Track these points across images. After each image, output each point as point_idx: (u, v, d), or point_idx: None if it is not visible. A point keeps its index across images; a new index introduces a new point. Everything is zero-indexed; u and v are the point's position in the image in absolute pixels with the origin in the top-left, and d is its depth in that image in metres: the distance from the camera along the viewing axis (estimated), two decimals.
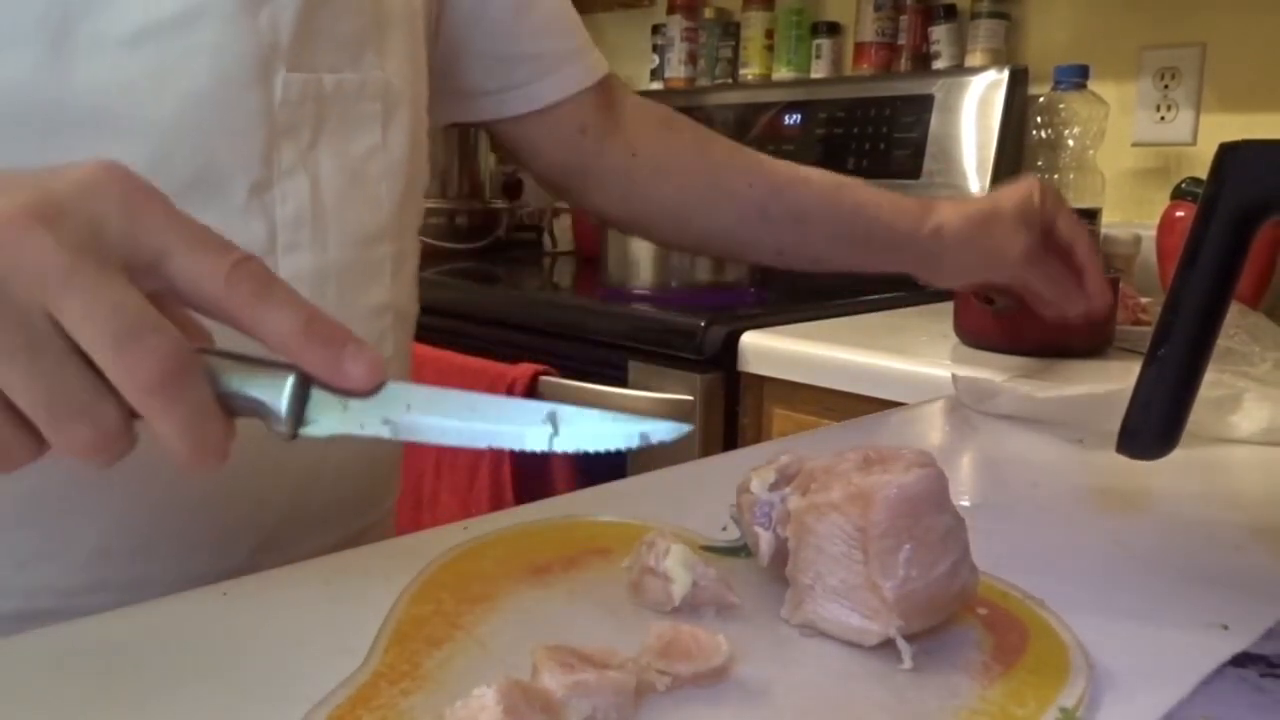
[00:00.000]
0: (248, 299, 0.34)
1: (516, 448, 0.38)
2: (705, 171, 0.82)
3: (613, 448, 0.39)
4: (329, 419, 0.36)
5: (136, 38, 0.49)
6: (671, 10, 2.06)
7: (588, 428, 0.38)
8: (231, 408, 0.35)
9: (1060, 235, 0.82)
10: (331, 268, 0.58)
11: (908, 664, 0.38)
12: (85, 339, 0.32)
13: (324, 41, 0.56)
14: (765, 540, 0.43)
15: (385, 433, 0.37)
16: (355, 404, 0.36)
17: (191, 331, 0.37)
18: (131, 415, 0.33)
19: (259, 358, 0.35)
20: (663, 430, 0.38)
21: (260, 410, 0.35)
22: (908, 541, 0.38)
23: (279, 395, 0.35)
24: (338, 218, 0.58)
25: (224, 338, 0.37)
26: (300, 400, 0.36)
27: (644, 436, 0.39)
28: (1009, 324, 1.02)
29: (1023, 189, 0.81)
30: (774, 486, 0.44)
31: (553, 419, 0.38)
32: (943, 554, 0.39)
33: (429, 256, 0.76)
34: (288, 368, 0.35)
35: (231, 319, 0.35)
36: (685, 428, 0.39)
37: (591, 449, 0.38)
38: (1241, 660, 0.40)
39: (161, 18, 0.50)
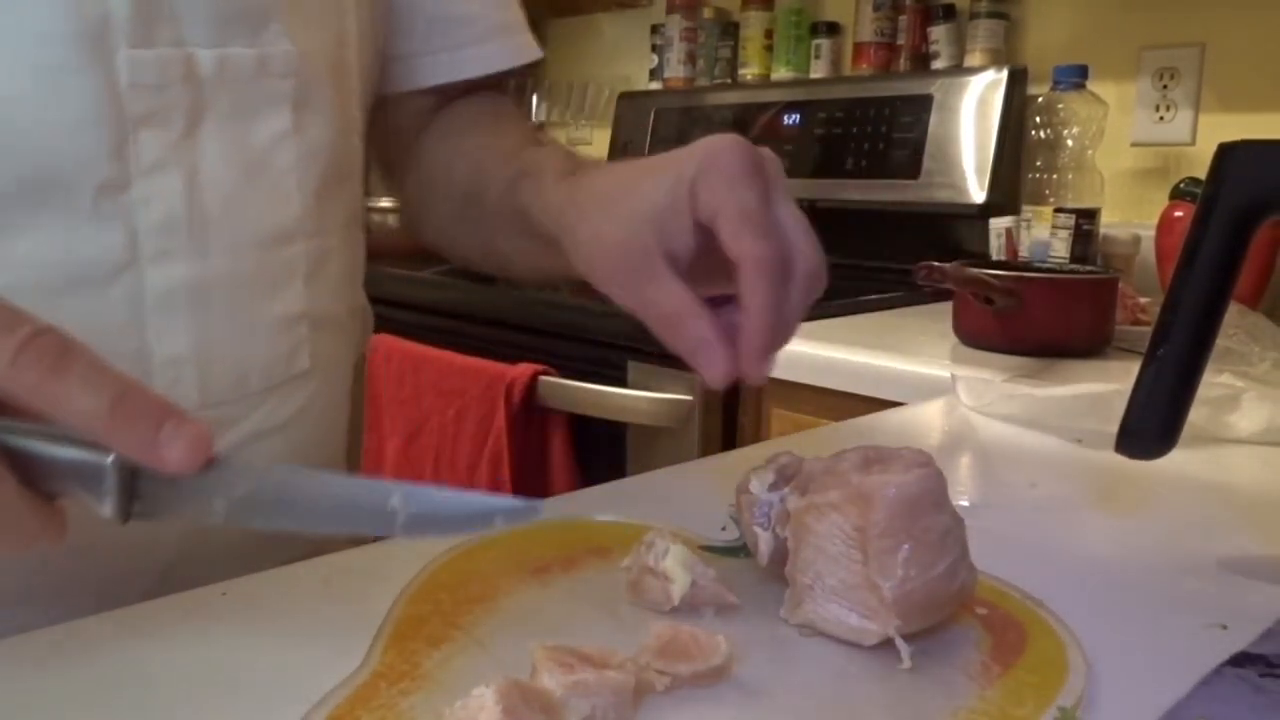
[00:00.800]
0: (40, 380, 0.31)
1: (367, 531, 0.35)
2: (440, 161, 0.67)
3: (459, 533, 0.37)
4: (162, 501, 0.33)
5: None
6: (670, 10, 2.06)
7: (435, 510, 0.34)
8: (52, 491, 0.32)
9: (720, 245, 0.44)
10: (218, 276, 0.51)
11: (906, 664, 0.38)
12: None
13: (194, 11, 0.48)
14: (764, 540, 0.43)
15: (219, 517, 0.33)
16: (188, 484, 0.32)
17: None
18: None
19: (75, 436, 0.32)
20: (511, 512, 0.35)
21: (84, 497, 0.32)
22: (906, 541, 0.38)
23: (99, 484, 0.32)
24: (228, 219, 0.51)
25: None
26: (127, 484, 0.32)
27: (488, 519, 0.35)
28: (1008, 324, 1.03)
29: (695, 151, 0.47)
30: (773, 486, 0.44)
31: (400, 502, 0.34)
32: (941, 554, 0.39)
33: (430, 257, 0.74)
34: (105, 449, 0.32)
35: (25, 404, 0.31)
36: (536, 507, 0.35)
37: (439, 535, 0.36)
38: (1240, 660, 0.40)
39: None
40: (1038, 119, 1.49)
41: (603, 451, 1.28)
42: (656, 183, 0.46)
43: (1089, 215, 1.38)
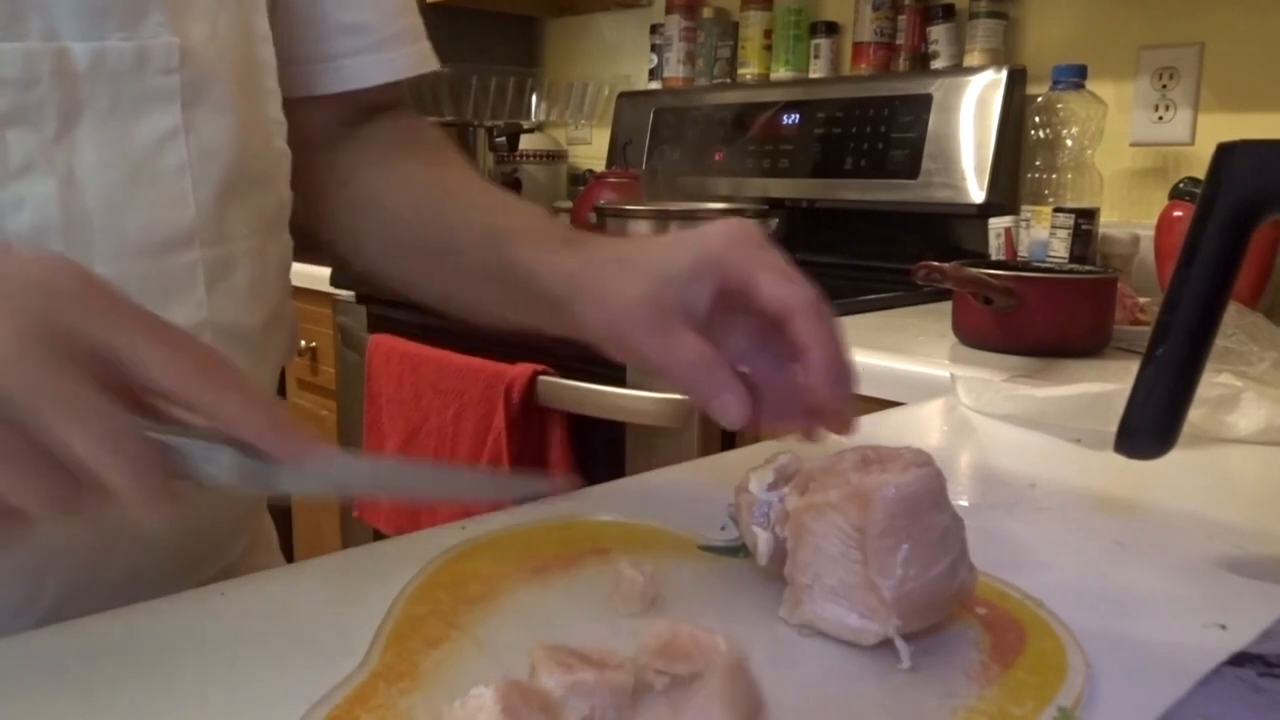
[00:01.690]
0: (198, 389, 0.36)
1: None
2: (378, 188, 0.65)
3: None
4: (274, 480, 0.39)
5: None
6: (670, 10, 2.06)
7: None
8: (186, 476, 0.38)
9: (762, 300, 0.48)
10: None
11: (906, 664, 0.38)
12: (75, 448, 0.34)
13: (62, 2, 0.45)
14: (764, 540, 0.43)
15: (330, 491, 0.42)
16: (297, 472, 0.39)
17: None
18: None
19: (200, 430, 0.38)
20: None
21: (209, 479, 0.38)
22: (906, 541, 0.38)
23: (221, 468, 0.38)
24: (110, 223, 0.48)
25: None
26: (246, 466, 0.38)
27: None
28: (1008, 324, 1.03)
29: (712, 229, 0.51)
30: (772, 486, 0.44)
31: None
32: (941, 553, 0.39)
33: None
34: (227, 440, 0.38)
35: (187, 404, 0.36)
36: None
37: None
38: (1239, 660, 0.40)
39: None
40: (1037, 119, 1.49)
41: (602, 451, 1.28)
42: (678, 251, 0.50)
43: (1088, 215, 1.38)
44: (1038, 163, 1.49)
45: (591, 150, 2.32)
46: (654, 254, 0.51)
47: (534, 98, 2.29)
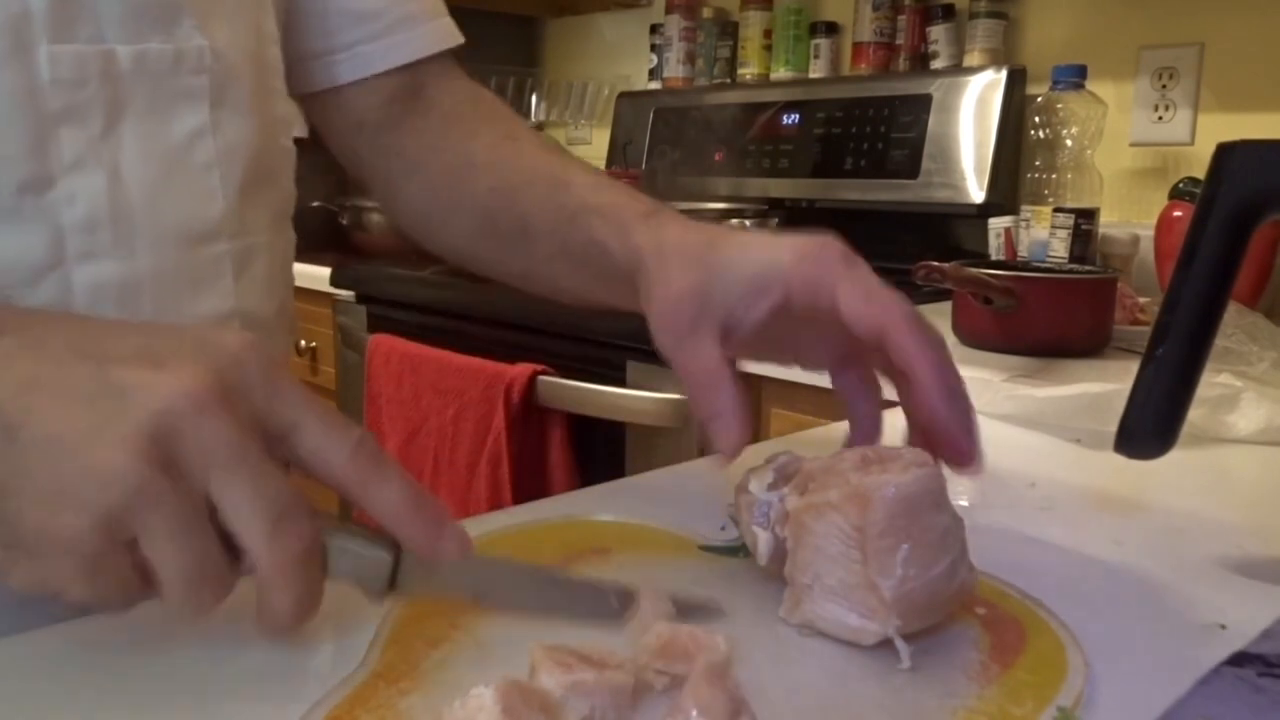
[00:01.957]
0: (365, 477, 0.37)
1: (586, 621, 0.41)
2: (452, 168, 0.65)
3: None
4: (416, 584, 0.40)
5: None
6: (670, 10, 2.06)
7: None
8: (329, 570, 0.38)
9: (847, 318, 0.46)
10: (145, 274, 0.50)
11: (906, 664, 0.38)
12: (243, 517, 0.34)
13: (111, 7, 0.48)
14: (763, 540, 0.43)
15: (469, 600, 0.41)
16: (443, 570, 0.40)
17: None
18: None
19: (359, 529, 0.39)
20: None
21: (357, 579, 0.39)
22: (905, 541, 0.38)
23: (379, 574, 0.39)
24: (151, 216, 0.50)
25: None
26: (393, 571, 0.39)
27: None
28: (1007, 324, 1.03)
29: (792, 240, 0.48)
30: (772, 486, 0.44)
31: (620, 599, 0.41)
32: (941, 553, 0.39)
33: (429, 257, 0.74)
34: (384, 541, 0.39)
35: (347, 492, 0.37)
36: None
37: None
38: (1239, 660, 0.40)
39: None
40: (1037, 119, 1.49)
41: (602, 451, 1.28)
42: (747, 253, 0.48)
43: (1088, 215, 1.38)
44: (1037, 163, 1.49)
45: (591, 150, 2.32)
46: (721, 250, 0.49)
47: (534, 98, 2.29)
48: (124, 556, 0.34)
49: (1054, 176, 1.46)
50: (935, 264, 1.01)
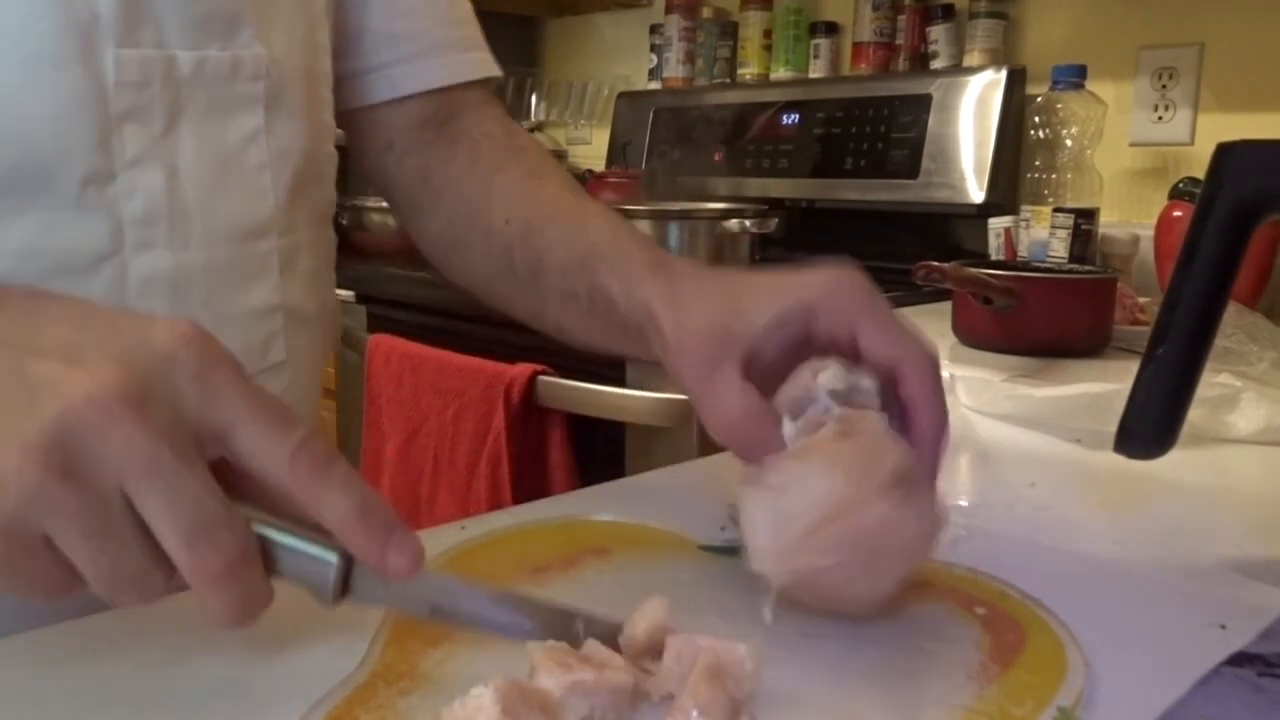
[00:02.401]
0: (307, 481, 0.35)
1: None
2: (474, 200, 0.65)
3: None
4: (371, 593, 0.38)
5: None
6: (669, 10, 2.06)
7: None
8: (276, 572, 0.36)
9: (868, 352, 0.46)
10: (197, 267, 0.53)
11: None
12: (159, 528, 0.33)
13: (173, 14, 0.50)
14: (790, 428, 0.43)
15: (425, 615, 0.39)
16: (396, 586, 0.37)
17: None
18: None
19: (305, 531, 0.36)
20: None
21: (305, 584, 0.37)
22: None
23: (325, 578, 0.37)
24: (205, 212, 0.53)
25: None
26: (344, 577, 0.37)
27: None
28: (1007, 324, 1.03)
29: (811, 274, 0.48)
30: (833, 394, 0.43)
31: (587, 628, 0.38)
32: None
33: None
34: (332, 545, 0.37)
35: (290, 497, 0.35)
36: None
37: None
38: (1239, 660, 0.40)
39: None
40: (1036, 119, 1.49)
41: (602, 451, 1.28)
42: (768, 290, 0.47)
43: (1088, 215, 1.38)
44: (1037, 163, 1.49)
45: (591, 150, 2.32)
46: (739, 287, 0.48)
47: (534, 98, 2.29)
48: (43, 553, 0.32)
49: (1054, 176, 1.46)
50: (935, 264, 1.01)
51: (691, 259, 0.56)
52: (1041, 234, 1.41)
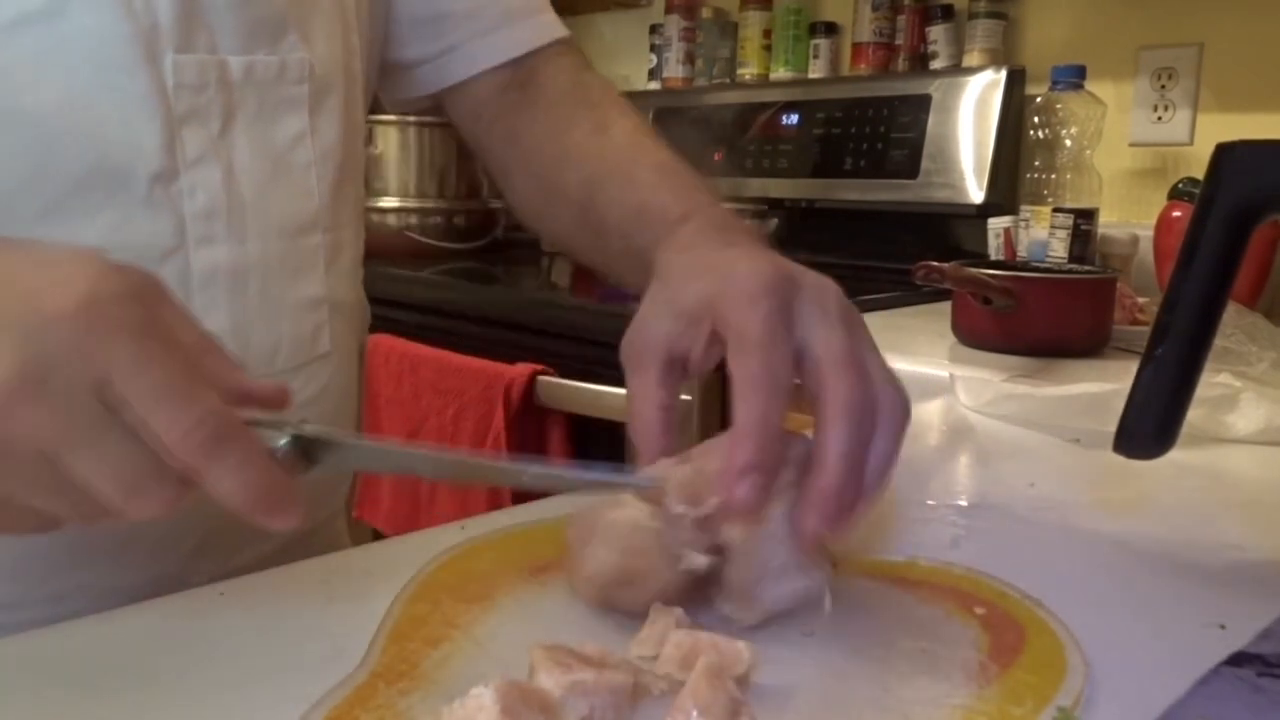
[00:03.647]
0: (197, 459, 0.34)
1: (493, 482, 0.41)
2: (552, 160, 0.67)
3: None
4: (332, 462, 0.39)
5: (11, 27, 0.48)
6: (669, 10, 2.06)
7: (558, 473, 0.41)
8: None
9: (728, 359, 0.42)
10: (253, 261, 0.56)
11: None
12: (99, 488, 0.33)
13: (224, 21, 0.54)
14: (695, 560, 0.41)
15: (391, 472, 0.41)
16: (354, 453, 0.40)
17: None
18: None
19: (268, 418, 0.38)
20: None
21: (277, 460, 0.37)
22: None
23: (283, 455, 0.37)
24: (259, 209, 0.56)
25: None
26: (302, 457, 0.38)
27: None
28: (1007, 324, 1.03)
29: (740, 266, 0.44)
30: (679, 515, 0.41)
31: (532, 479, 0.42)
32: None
33: (429, 257, 0.75)
34: (287, 424, 0.38)
35: (186, 471, 0.35)
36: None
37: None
38: (1238, 660, 0.40)
39: (29, 9, 0.48)
40: (1036, 119, 1.49)
41: (601, 451, 1.28)
42: (688, 286, 0.45)
43: (1087, 215, 1.38)
44: (1037, 163, 1.49)
45: None
46: (676, 279, 0.47)
47: None
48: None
49: (1053, 177, 1.46)
50: (935, 264, 1.01)
51: (720, 205, 0.56)
52: (1041, 234, 1.41)
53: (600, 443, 1.28)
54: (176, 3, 0.52)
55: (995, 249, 1.49)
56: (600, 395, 1.22)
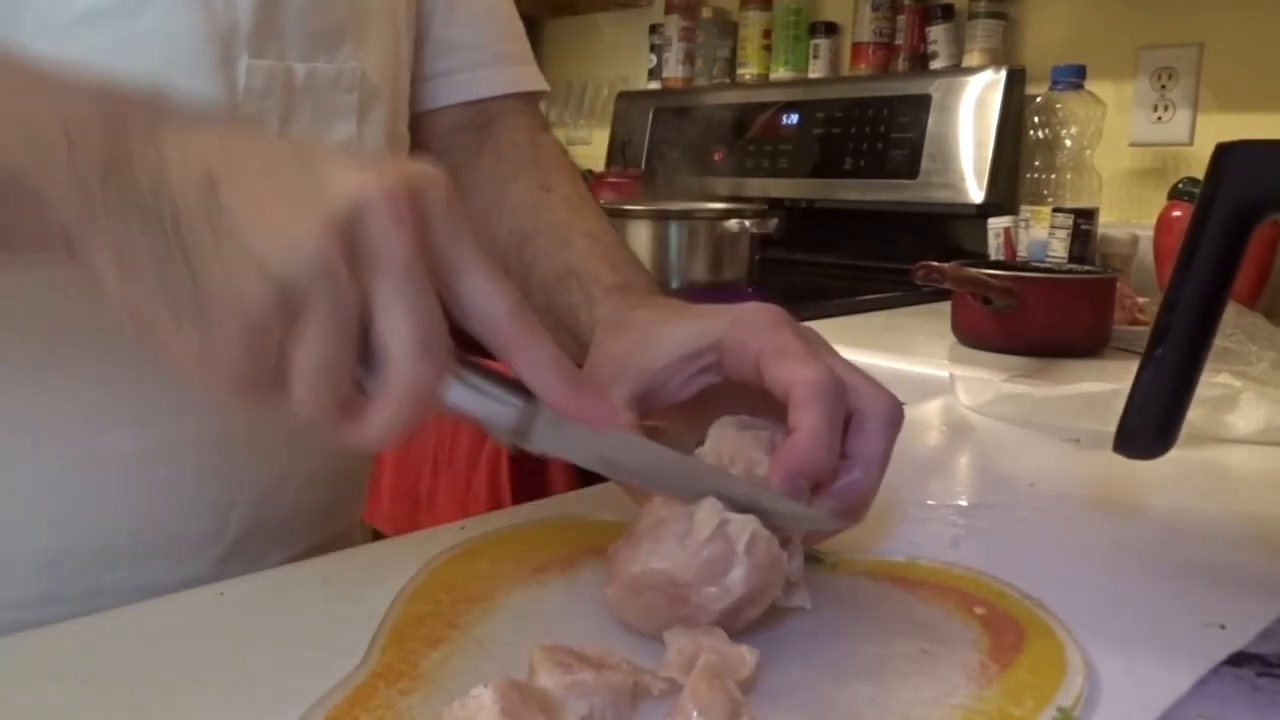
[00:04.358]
0: (521, 335, 0.37)
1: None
2: (487, 205, 0.68)
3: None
4: (548, 440, 0.39)
5: (85, 20, 0.48)
6: (669, 10, 2.06)
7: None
8: (457, 412, 0.38)
9: (766, 382, 0.44)
10: None
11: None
12: (394, 332, 0.34)
13: (294, 29, 0.55)
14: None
15: (596, 466, 0.41)
16: (573, 430, 0.39)
17: None
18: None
19: (495, 374, 0.38)
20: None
21: (483, 421, 0.38)
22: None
23: (506, 421, 0.38)
24: None
25: None
26: (525, 424, 0.39)
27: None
28: (1007, 324, 1.03)
29: (731, 310, 0.47)
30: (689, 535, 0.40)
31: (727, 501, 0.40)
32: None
33: None
34: (517, 394, 0.38)
35: (500, 345, 0.37)
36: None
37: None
38: (1238, 659, 0.40)
39: (105, 3, 0.48)
40: (1036, 119, 1.49)
41: None
42: (684, 325, 0.48)
43: (1087, 215, 1.38)
44: (1037, 163, 1.49)
45: (591, 150, 2.32)
46: (664, 322, 0.48)
47: None
48: (275, 344, 0.33)
49: (1053, 177, 1.46)
50: (935, 264, 1.01)
51: (657, 286, 0.58)
52: (1041, 234, 1.41)
53: None
54: (258, 6, 0.52)
55: (995, 249, 1.49)
56: None
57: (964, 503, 0.59)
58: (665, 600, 0.39)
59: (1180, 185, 1.32)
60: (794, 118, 1.81)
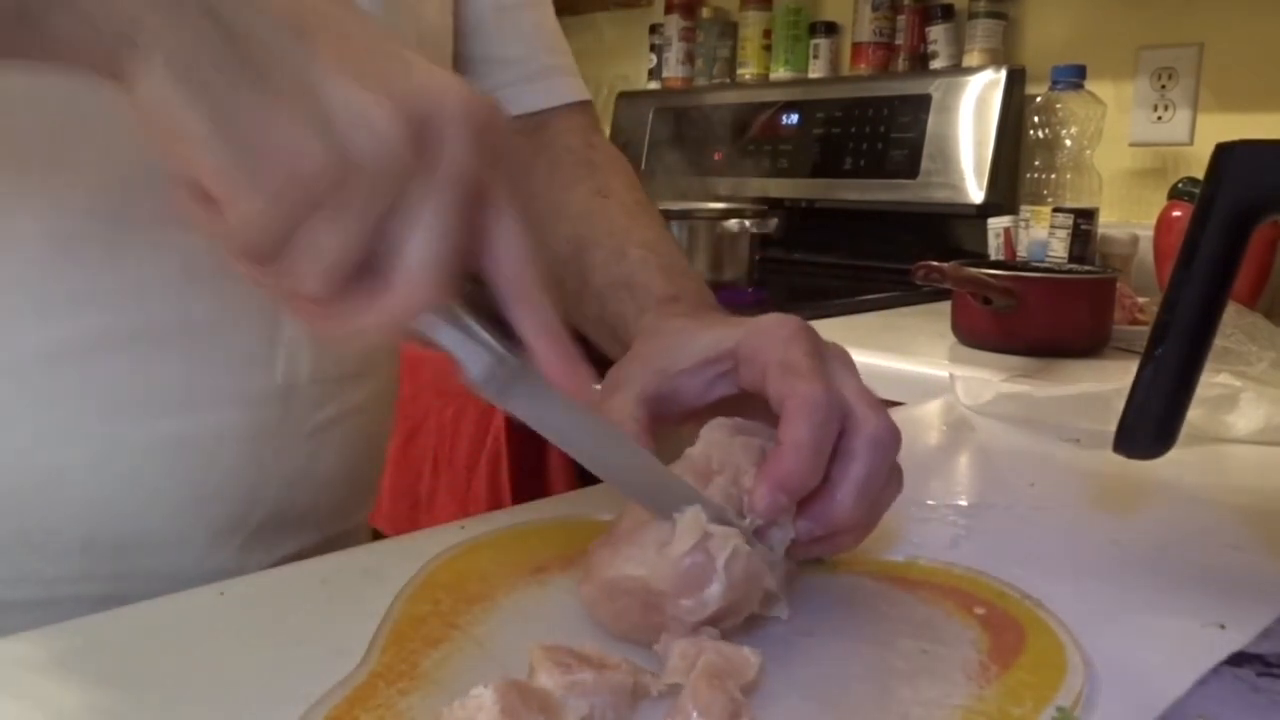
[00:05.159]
0: (531, 289, 0.37)
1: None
2: (544, 213, 0.68)
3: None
4: (522, 403, 0.38)
5: None
6: (669, 10, 2.06)
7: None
8: (440, 346, 0.37)
9: (768, 394, 0.44)
10: None
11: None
12: (422, 236, 0.33)
13: None
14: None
15: (567, 447, 0.40)
16: (554, 401, 0.38)
17: None
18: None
19: (488, 324, 0.37)
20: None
21: (463, 364, 0.37)
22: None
23: (482, 368, 0.37)
24: None
25: None
26: (506, 379, 0.37)
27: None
28: (1007, 324, 1.03)
29: (752, 320, 0.48)
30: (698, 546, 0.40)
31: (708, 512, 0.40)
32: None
33: None
34: (504, 346, 0.37)
35: (507, 293, 0.37)
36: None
37: None
38: (1238, 660, 0.40)
39: None
40: (1036, 119, 1.49)
41: None
42: (707, 333, 0.48)
43: (1087, 215, 1.38)
44: (1037, 163, 1.49)
45: None
46: (693, 330, 0.49)
47: None
48: (307, 209, 0.32)
49: (1053, 176, 1.46)
50: (935, 264, 1.01)
51: (711, 295, 0.59)
52: (1041, 234, 1.41)
53: None
54: None
55: (995, 249, 1.49)
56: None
57: (964, 503, 0.59)
58: (639, 606, 0.38)
59: (1180, 185, 1.32)
60: (794, 118, 1.81)
